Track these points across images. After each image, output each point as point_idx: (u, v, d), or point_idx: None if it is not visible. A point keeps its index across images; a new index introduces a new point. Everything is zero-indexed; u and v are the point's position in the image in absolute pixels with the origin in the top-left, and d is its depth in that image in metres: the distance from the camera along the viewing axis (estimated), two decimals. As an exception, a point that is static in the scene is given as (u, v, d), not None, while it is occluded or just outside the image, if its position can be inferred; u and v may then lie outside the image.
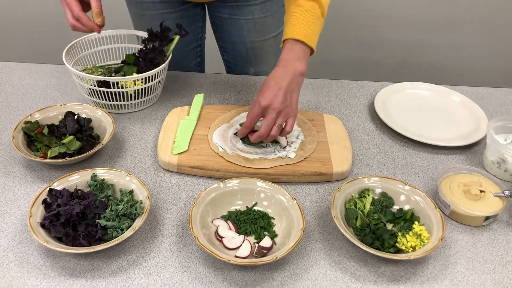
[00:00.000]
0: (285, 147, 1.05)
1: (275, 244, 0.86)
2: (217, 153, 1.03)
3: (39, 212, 0.86)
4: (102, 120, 1.09)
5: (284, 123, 0.99)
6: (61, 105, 1.11)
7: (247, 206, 0.93)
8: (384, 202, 0.93)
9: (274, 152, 1.04)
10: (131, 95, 1.16)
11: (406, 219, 0.90)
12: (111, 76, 1.22)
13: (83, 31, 1.05)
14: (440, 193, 0.95)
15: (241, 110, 1.16)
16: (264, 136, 0.98)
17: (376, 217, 0.90)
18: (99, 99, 1.17)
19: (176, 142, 1.05)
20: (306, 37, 0.99)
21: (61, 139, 1.02)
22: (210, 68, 1.59)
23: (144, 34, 1.25)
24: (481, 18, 2.20)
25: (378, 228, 0.87)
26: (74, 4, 1.01)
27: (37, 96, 1.25)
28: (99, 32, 1.06)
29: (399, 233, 0.86)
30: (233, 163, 1.01)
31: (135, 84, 1.14)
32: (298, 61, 0.99)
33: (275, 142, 1.06)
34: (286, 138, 1.06)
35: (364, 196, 0.93)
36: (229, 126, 1.11)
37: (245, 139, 1.06)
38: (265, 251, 0.83)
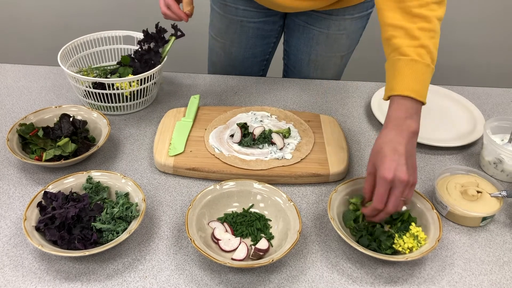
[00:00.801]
0: (282, 148, 1.05)
1: (272, 246, 0.86)
2: (213, 155, 1.03)
3: (34, 215, 0.85)
4: (98, 122, 1.09)
5: None
6: (56, 107, 1.11)
7: (243, 208, 0.93)
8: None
9: (271, 153, 1.03)
10: (126, 96, 1.15)
11: (403, 220, 0.90)
12: (106, 77, 1.22)
13: (173, 19, 1.11)
14: (437, 194, 0.95)
15: (237, 111, 1.16)
16: (390, 211, 0.84)
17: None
18: (95, 100, 1.16)
19: (172, 143, 1.05)
20: (416, 93, 0.85)
21: (56, 142, 1.02)
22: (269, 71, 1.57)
23: (140, 35, 1.24)
24: (478, 18, 2.21)
25: (375, 230, 0.87)
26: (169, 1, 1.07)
27: (32, 98, 1.24)
28: (186, 21, 1.12)
29: (396, 235, 0.86)
30: (229, 164, 1.00)
31: (130, 85, 1.13)
32: (410, 118, 0.85)
33: (272, 143, 1.06)
34: (283, 139, 1.06)
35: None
36: (226, 128, 1.11)
37: (241, 142, 1.06)
38: (261, 253, 0.83)
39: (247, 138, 1.06)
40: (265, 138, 1.06)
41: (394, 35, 0.87)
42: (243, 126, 1.07)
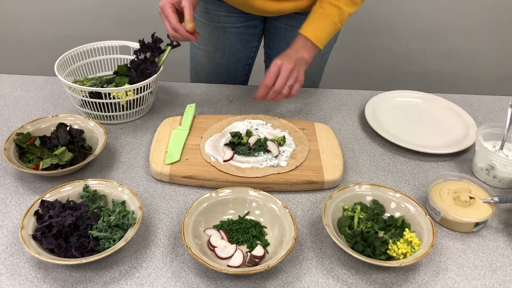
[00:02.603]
0: (277, 156, 1.06)
1: (267, 253, 0.87)
2: (209, 163, 1.04)
3: (31, 223, 0.86)
4: (94, 131, 1.10)
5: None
6: (53, 116, 1.11)
7: (239, 215, 0.94)
8: (375, 209, 0.94)
9: (266, 161, 1.04)
10: (123, 105, 1.16)
11: (397, 226, 0.91)
12: (103, 87, 1.23)
13: (181, 40, 1.13)
14: (430, 200, 0.96)
15: (233, 120, 1.17)
16: (277, 90, 1.11)
17: (369, 225, 0.91)
18: (91, 110, 1.17)
19: (168, 152, 1.06)
20: (317, 39, 1.15)
21: (53, 151, 1.02)
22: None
23: (136, 45, 1.25)
24: (470, 26, 2.23)
25: (369, 236, 0.88)
26: (171, 16, 1.08)
27: (29, 108, 1.25)
28: (195, 41, 1.14)
29: (390, 240, 0.87)
30: (225, 172, 1.01)
31: (127, 94, 1.14)
32: (306, 53, 1.16)
33: (267, 151, 1.07)
34: (278, 147, 1.07)
35: (354, 211, 0.94)
36: (221, 136, 1.12)
37: (238, 149, 1.07)
38: (257, 260, 0.84)
39: (243, 146, 1.07)
40: (261, 146, 1.07)
41: None
42: (236, 135, 1.08)
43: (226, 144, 1.09)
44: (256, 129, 1.14)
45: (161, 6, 1.09)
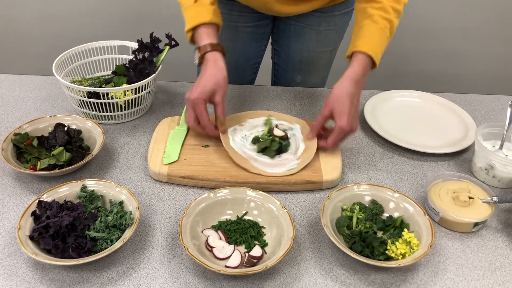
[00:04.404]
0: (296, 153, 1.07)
1: (266, 253, 0.86)
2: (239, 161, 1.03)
3: (28, 224, 0.85)
4: (92, 131, 1.09)
5: None
6: (51, 116, 1.11)
7: (237, 216, 0.93)
8: (374, 209, 0.93)
9: (289, 163, 1.04)
10: (121, 105, 1.16)
11: (396, 227, 0.91)
12: (101, 87, 1.22)
13: (201, 133, 1.07)
14: (429, 200, 0.96)
15: (231, 118, 1.16)
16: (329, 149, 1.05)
17: (368, 225, 0.90)
18: (90, 110, 1.17)
19: (166, 152, 1.06)
20: (377, 56, 1.03)
21: (51, 151, 1.02)
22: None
23: (134, 45, 1.25)
24: (469, 26, 2.23)
25: (368, 236, 0.88)
26: (204, 115, 1.01)
27: (27, 108, 1.25)
28: (218, 136, 1.07)
29: (389, 241, 0.87)
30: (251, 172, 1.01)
31: (125, 94, 1.14)
32: (365, 77, 1.04)
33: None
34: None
35: (353, 211, 0.93)
36: (239, 126, 1.12)
37: (264, 150, 1.06)
38: (255, 261, 0.83)
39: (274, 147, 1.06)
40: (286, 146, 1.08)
41: (371, 5, 1.04)
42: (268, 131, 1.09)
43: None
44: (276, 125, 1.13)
45: (194, 101, 1.00)
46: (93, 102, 1.15)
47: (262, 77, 1.59)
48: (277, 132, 1.09)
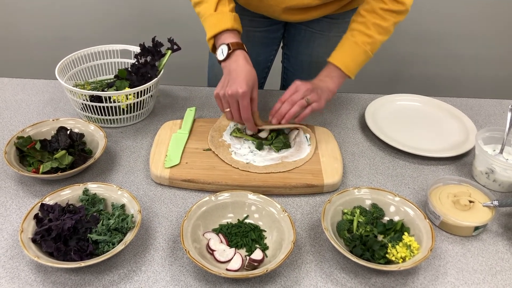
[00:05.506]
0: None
1: (266, 257, 0.87)
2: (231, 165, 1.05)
3: (31, 227, 0.86)
4: (95, 134, 1.10)
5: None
6: (53, 120, 1.12)
7: (238, 219, 0.94)
8: (374, 213, 0.94)
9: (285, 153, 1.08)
10: (123, 109, 1.17)
11: (396, 230, 0.91)
12: (103, 90, 1.23)
13: (239, 123, 1.11)
14: (429, 204, 0.96)
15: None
16: (292, 100, 1.07)
17: (368, 229, 0.91)
18: (92, 113, 1.18)
19: (168, 155, 1.06)
20: (347, 67, 1.11)
21: (54, 154, 1.03)
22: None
23: (137, 49, 1.26)
24: (470, 30, 2.23)
25: (368, 239, 0.88)
26: (248, 108, 1.02)
27: (30, 111, 1.25)
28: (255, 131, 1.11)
29: (389, 244, 0.87)
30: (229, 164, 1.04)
31: (127, 98, 1.14)
32: (331, 82, 1.12)
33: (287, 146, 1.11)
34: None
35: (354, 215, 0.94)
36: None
37: (257, 145, 1.10)
38: (256, 264, 0.84)
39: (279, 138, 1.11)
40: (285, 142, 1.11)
41: (355, 20, 1.12)
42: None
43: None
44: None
45: (243, 94, 1.00)
46: (96, 106, 1.15)
47: (272, 81, 1.59)
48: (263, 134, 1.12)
